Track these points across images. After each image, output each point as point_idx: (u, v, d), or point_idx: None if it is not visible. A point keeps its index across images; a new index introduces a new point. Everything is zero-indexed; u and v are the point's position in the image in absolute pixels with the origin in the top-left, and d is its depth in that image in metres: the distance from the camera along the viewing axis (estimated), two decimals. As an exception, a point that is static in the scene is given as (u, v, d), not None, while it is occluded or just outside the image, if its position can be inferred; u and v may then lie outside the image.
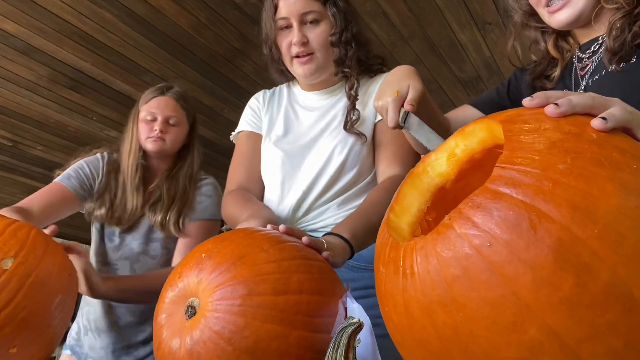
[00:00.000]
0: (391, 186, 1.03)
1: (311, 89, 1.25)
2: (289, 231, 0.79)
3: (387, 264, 0.51)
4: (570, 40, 0.98)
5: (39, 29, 2.42)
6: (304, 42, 1.13)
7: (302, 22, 1.13)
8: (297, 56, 1.15)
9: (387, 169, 1.11)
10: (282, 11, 1.14)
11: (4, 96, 2.95)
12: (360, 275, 1.07)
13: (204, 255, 0.68)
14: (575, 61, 0.96)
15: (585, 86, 0.90)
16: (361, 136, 1.12)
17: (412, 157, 1.12)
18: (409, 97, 0.83)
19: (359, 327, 0.58)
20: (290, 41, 1.14)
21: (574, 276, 0.38)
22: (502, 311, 0.40)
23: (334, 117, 1.18)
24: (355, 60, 1.17)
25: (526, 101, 0.51)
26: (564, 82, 0.97)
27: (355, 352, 0.58)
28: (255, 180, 1.24)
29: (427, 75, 2.86)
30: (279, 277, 0.65)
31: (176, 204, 1.47)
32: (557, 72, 0.97)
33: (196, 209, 1.50)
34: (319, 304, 0.66)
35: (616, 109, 0.47)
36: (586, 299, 0.37)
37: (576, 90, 0.93)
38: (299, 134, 1.20)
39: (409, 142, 1.13)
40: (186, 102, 1.55)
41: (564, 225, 0.39)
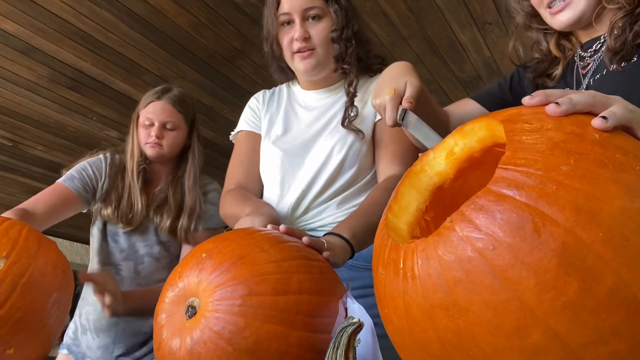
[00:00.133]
0: (391, 185, 1.03)
1: (311, 87, 1.25)
2: (290, 231, 0.79)
3: (386, 266, 0.50)
4: (572, 39, 0.98)
5: (39, 29, 2.42)
6: (306, 38, 1.13)
7: (304, 18, 1.14)
8: (299, 52, 1.15)
9: (387, 168, 1.11)
10: (284, 6, 1.14)
11: (4, 96, 2.95)
12: (359, 274, 1.07)
13: (204, 255, 0.68)
14: (576, 60, 0.96)
15: (586, 85, 0.90)
16: (358, 133, 1.12)
17: (412, 156, 1.12)
18: (407, 94, 0.82)
19: (359, 327, 0.58)
20: (291, 37, 1.14)
21: (579, 280, 0.37)
22: (505, 315, 0.39)
23: (334, 116, 1.18)
24: (355, 57, 1.17)
25: (526, 100, 0.51)
26: (565, 81, 0.97)
27: (355, 352, 0.58)
28: (254, 179, 1.24)
29: (427, 75, 2.85)
30: (279, 278, 0.65)
31: (186, 210, 1.47)
32: (559, 70, 0.97)
33: (204, 217, 1.50)
34: (319, 304, 0.66)
35: (617, 107, 0.46)
36: (590, 303, 0.37)
37: (578, 88, 0.93)
38: (298, 132, 1.20)
39: (409, 142, 1.13)
40: (183, 106, 1.54)
41: (568, 228, 0.38)
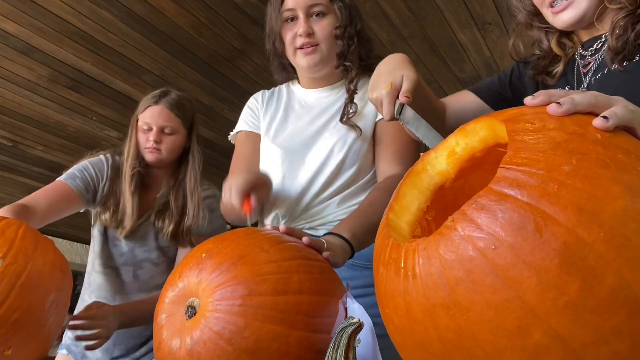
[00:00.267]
0: (391, 185, 1.03)
1: (311, 86, 1.25)
2: (290, 231, 0.79)
3: (387, 265, 0.50)
4: (573, 37, 0.98)
5: (39, 29, 2.42)
6: (310, 34, 1.14)
7: (308, 15, 1.15)
8: (302, 47, 1.15)
9: (387, 168, 1.11)
10: (288, 3, 1.15)
11: (4, 96, 2.95)
12: (359, 273, 1.07)
13: (204, 255, 0.68)
14: (577, 58, 0.96)
15: (588, 84, 0.90)
16: (356, 129, 1.12)
17: (412, 156, 1.12)
18: (404, 88, 0.81)
19: (359, 327, 0.58)
20: (295, 33, 1.15)
21: (580, 280, 0.37)
22: (506, 315, 0.39)
23: (334, 114, 1.18)
24: (356, 55, 1.18)
25: (528, 100, 0.51)
26: (566, 79, 0.96)
27: (355, 352, 0.58)
28: None
29: (427, 75, 2.85)
30: (279, 278, 0.65)
31: (189, 213, 1.47)
32: (560, 68, 0.97)
33: (200, 223, 1.49)
34: (319, 304, 0.66)
35: (618, 107, 0.46)
36: (592, 303, 0.37)
37: (578, 87, 0.93)
38: (298, 131, 1.20)
39: (409, 142, 1.13)
40: (181, 109, 1.52)
41: (570, 228, 0.38)
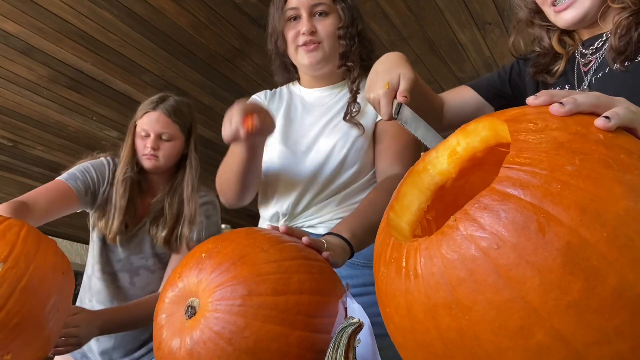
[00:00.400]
0: (391, 185, 1.03)
1: (312, 85, 1.26)
2: (289, 231, 0.79)
3: (388, 265, 0.50)
4: (575, 35, 0.98)
5: (39, 29, 2.42)
6: (312, 32, 1.15)
7: (311, 14, 1.16)
8: (304, 45, 1.16)
9: (387, 168, 1.12)
10: (292, 1, 1.17)
11: (4, 96, 2.95)
12: (359, 272, 1.08)
13: (204, 255, 0.68)
14: (578, 56, 0.96)
15: (589, 83, 0.90)
16: (359, 127, 1.13)
17: (412, 156, 1.12)
18: (401, 87, 0.81)
19: (359, 327, 0.58)
20: (297, 31, 1.16)
21: (583, 280, 0.37)
22: (509, 315, 0.39)
23: (336, 114, 1.19)
24: (358, 55, 1.19)
25: (530, 100, 0.51)
26: (566, 77, 0.96)
27: (355, 352, 0.58)
28: None
29: (427, 75, 2.85)
30: (279, 278, 0.65)
31: (185, 219, 1.45)
32: (561, 67, 0.97)
33: (195, 230, 1.48)
34: (319, 304, 0.66)
35: (620, 108, 0.47)
36: (594, 303, 0.37)
37: (579, 86, 0.92)
38: (300, 130, 1.20)
39: (409, 142, 1.13)
40: (179, 115, 1.50)
41: (573, 228, 0.38)
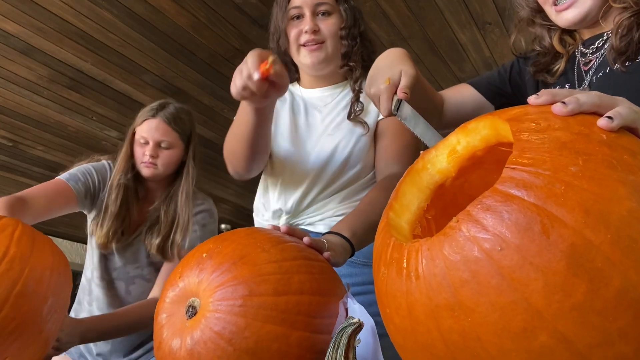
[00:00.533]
0: (391, 184, 1.03)
1: (313, 85, 1.26)
2: (290, 231, 0.79)
3: (389, 265, 0.50)
4: (575, 35, 0.98)
5: (39, 29, 2.42)
6: (315, 31, 1.15)
7: (314, 13, 1.16)
8: (306, 44, 1.16)
9: (387, 166, 1.13)
10: (295, 0, 1.17)
11: (4, 96, 2.95)
12: (359, 270, 1.08)
13: (204, 255, 0.68)
14: (578, 56, 0.95)
15: (589, 82, 0.90)
16: (364, 125, 1.14)
17: (413, 155, 1.12)
18: (402, 84, 0.80)
19: (359, 327, 0.58)
20: (300, 30, 1.16)
21: (587, 282, 0.37)
22: (512, 317, 0.39)
23: (338, 113, 1.19)
24: (359, 55, 1.20)
25: (532, 99, 0.51)
26: (566, 77, 0.96)
27: (355, 352, 0.58)
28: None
29: (427, 75, 2.85)
30: (280, 278, 0.65)
31: (178, 227, 1.43)
32: (561, 66, 0.97)
33: (189, 237, 1.46)
34: (320, 304, 0.66)
35: (622, 108, 0.46)
36: (598, 305, 0.37)
37: (579, 85, 0.92)
38: (304, 129, 1.21)
39: (409, 141, 1.14)
40: (179, 123, 1.48)
41: (577, 229, 0.38)
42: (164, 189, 1.52)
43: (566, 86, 0.95)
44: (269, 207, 1.20)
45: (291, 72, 1.30)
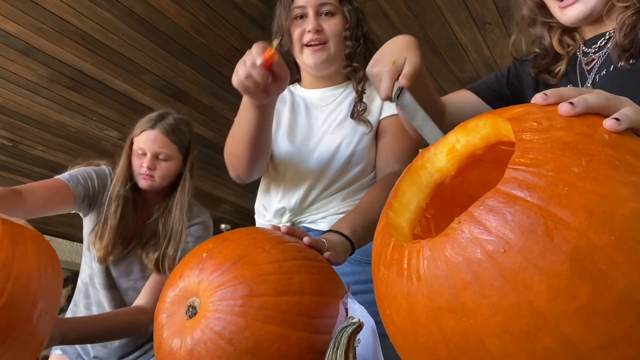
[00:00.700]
0: (391, 183, 1.02)
1: (315, 85, 1.26)
2: (291, 231, 0.79)
3: (389, 266, 0.49)
4: (575, 35, 0.97)
5: (39, 29, 2.42)
6: (319, 30, 1.15)
7: (318, 13, 1.17)
8: (309, 44, 1.16)
9: (387, 165, 1.14)
10: (299, 0, 1.17)
11: (4, 96, 2.94)
12: (360, 268, 1.09)
13: (205, 255, 0.68)
14: (579, 55, 0.95)
15: (592, 81, 0.89)
16: (367, 124, 1.14)
17: (412, 155, 1.12)
18: (405, 70, 0.79)
19: (359, 327, 0.58)
20: (303, 29, 1.16)
21: (591, 284, 0.37)
22: (515, 319, 0.39)
23: (340, 113, 1.19)
24: (363, 56, 1.20)
25: (539, 99, 0.49)
26: (568, 78, 0.95)
27: (355, 352, 0.58)
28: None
29: (427, 75, 2.85)
30: (280, 278, 0.65)
31: (172, 240, 1.42)
32: (562, 68, 0.96)
33: (180, 250, 1.44)
34: (320, 304, 0.66)
35: (629, 109, 0.46)
36: (602, 308, 0.37)
37: (582, 84, 0.92)
38: (306, 128, 1.21)
39: (410, 140, 1.14)
40: (177, 135, 1.46)
41: (581, 231, 0.37)
42: (161, 200, 1.50)
43: (569, 86, 0.94)
44: (271, 207, 1.20)
45: (292, 72, 1.30)
